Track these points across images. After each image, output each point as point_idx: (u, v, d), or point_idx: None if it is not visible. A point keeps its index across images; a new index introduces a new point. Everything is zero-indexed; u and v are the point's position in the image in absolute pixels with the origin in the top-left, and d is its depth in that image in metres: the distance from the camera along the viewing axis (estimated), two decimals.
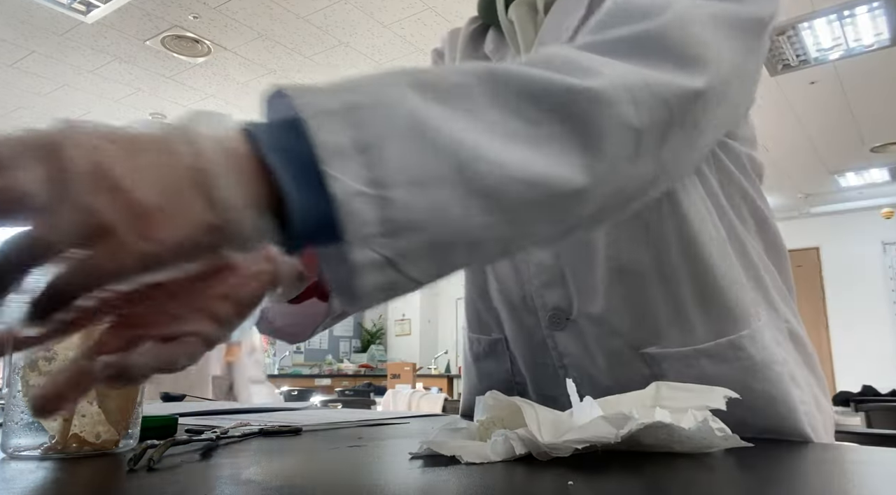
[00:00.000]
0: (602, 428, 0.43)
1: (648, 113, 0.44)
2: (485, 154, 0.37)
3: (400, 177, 0.34)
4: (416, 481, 0.41)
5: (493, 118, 0.39)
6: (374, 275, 0.34)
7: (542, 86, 0.41)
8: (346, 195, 0.33)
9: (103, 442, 0.50)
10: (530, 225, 0.41)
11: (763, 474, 0.42)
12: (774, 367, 0.60)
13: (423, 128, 0.36)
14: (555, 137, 0.40)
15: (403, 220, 0.34)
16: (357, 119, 0.35)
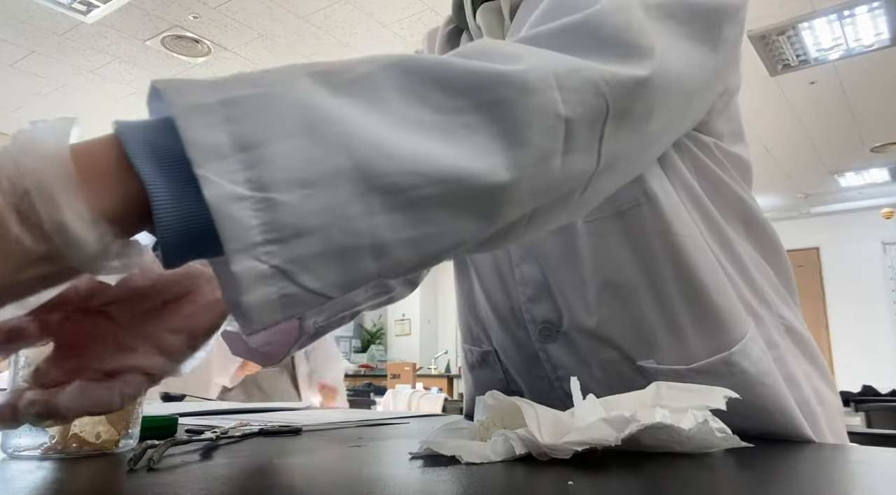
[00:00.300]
0: (602, 430, 0.43)
1: (579, 102, 0.40)
2: (387, 147, 0.33)
3: (287, 176, 0.30)
4: (416, 481, 0.41)
5: (399, 108, 0.35)
6: (263, 289, 0.30)
7: (455, 73, 0.37)
8: (222, 200, 0.29)
9: (103, 442, 0.50)
10: (447, 223, 0.36)
11: (763, 474, 0.42)
12: (766, 379, 0.59)
13: (316, 121, 0.32)
14: (470, 127, 0.36)
15: (292, 225, 0.30)
16: (237, 113, 0.31)
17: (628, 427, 0.43)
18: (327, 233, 0.31)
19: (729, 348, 0.59)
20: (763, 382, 0.59)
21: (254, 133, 0.31)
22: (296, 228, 0.30)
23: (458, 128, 0.36)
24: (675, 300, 0.61)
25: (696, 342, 0.60)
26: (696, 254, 0.60)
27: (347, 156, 0.32)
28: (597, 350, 0.65)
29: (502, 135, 0.37)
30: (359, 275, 0.34)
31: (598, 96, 0.42)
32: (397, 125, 0.34)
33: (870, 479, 0.43)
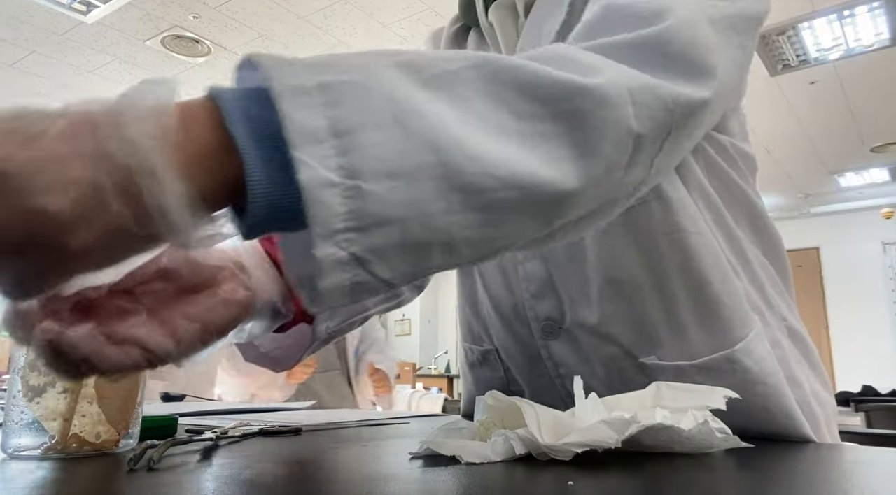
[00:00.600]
0: (602, 432, 0.43)
1: (649, 118, 0.42)
2: (469, 148, 0.34)
3: (377, 166, 0.31)
4: (416, 481, 0.41)
5: (483, 110, 0.36)
6: (340, 274, 0.31)
7: (538, 80, 0.38)
8: (315, 184, 0.30)
9: (103, 442, 0.50)
10: (513, 225, 0.37)
11: (763, 474, 0.42)
12: (769, 378, 0.59)
13: (406, 114, 0.33)
14: (547, 135, 0.37)
15: (377, 215, 0.31)
16: (334, 98, 0.31)
17: (628, 429, 0.43)
18: (407, 226, 0.32)
19: (732, 345, 0.59)
20: (765, 381, 0.58)
21: (349, 119, 0.31)
22: (379, 219, 0.31)
23: (535, 135, 0.37)
24: (680, 297, 0.61)
25: (699, 339, 0.60)
26: (704, 251, 0.60)
27: (433, 151, 0.32)
28: (599, 347, 0.65)
29: (576, 145, 0.38)
30: (426, 268, 0.35)
31: (666, 113, 0.43)
32: (478, 126, 0.35)
33: (869, 479, 0.43)
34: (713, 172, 0.65)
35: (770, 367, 0.59)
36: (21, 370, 0.50)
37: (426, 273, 0.36)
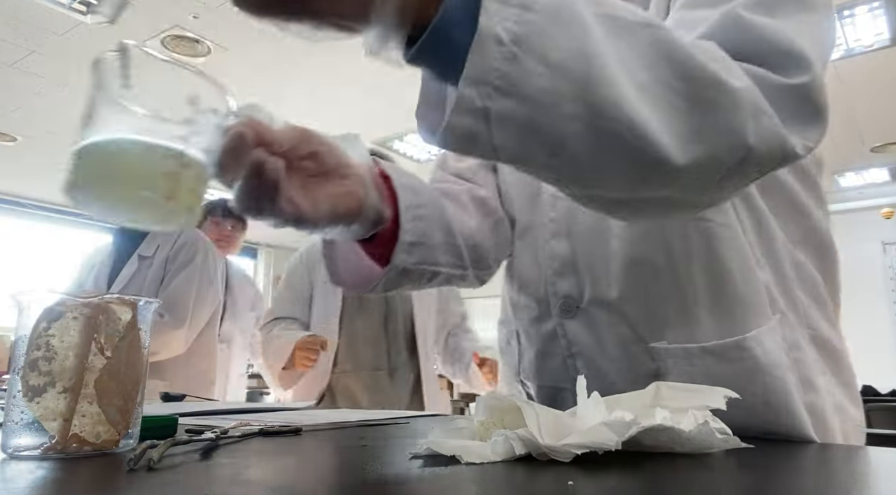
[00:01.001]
0: (603, 433, 0.43)
1: (763, 141, 0.45)
2: (616, 85, 0.39)
3: (541, 49, 0.36)
4: (416, 481, 0.41)
5: (638, 65, 0.41)
6: (466, 118, 0.37)
7: (691, 61, 0.42)
8: (489, 34, 0.35)
9: (103, 442, 0.50)
10: (612, 165, 0.42)
11: (763, 474, 0.42)
12: (775, 371, 0.59)
13: (581, 26, 0.38)
14: (678, 109, 0.42)
15: (519, 85, 0.36)
16: None
17: (629, 431, 0.43)
18: (536, 109, 0.37)
19: (742, 334, 0.60)
20: (771, 373, 0.59)
21: (539, 4, 0.37)
22: (519, 90, 0.36)
23: (667, 104, 0.41)
24: (697, 282, 0.62)
25: (710, 324, 0.62)
26: (727, 242, 0.62)
27: (586, 65, 0.38)
28: (613, 327, 0.66)
29: (697, 129, 0.42)
30: (529, 156, 0.40)
31: (781, 145, 0.46)
32: (627, 74, 0.40)
33: (869, 479, 0.43)
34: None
35: (777, 361, 0.59)
36: (21, 370, 0.50)
37: (527, 161, 0.41)
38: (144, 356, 0.54)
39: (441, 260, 0.71)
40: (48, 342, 0.50)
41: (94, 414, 0.50)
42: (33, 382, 0.49)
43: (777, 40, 0.49)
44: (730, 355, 0.60)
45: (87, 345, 0.50)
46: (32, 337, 0.50)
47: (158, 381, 1.83)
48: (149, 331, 0.55)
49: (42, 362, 0.50)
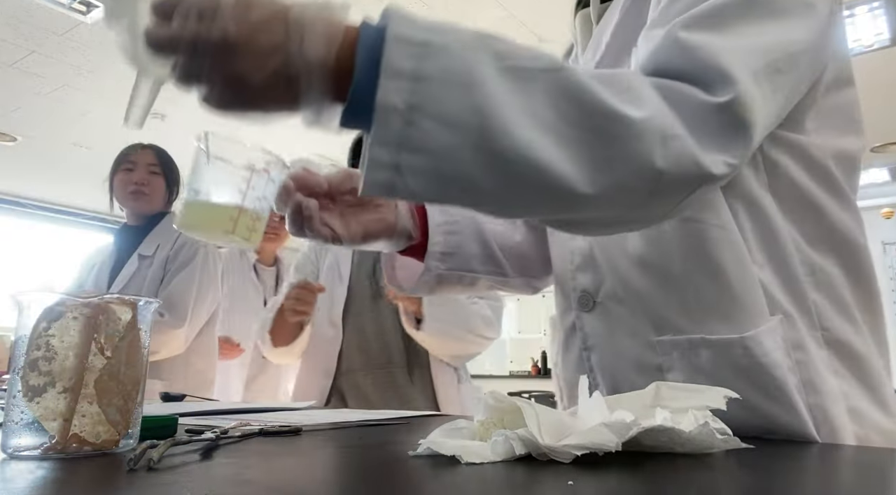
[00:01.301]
0: (603, 435, 0.43)
1: (677, 165, 0.48)
2: (510, 127, 0.43)
3: (433, 110, 0.42)
4: (416, 481, 0.41)
5: (539, 105, 0.45)
6: (381, 173, 0.43)
7: (592, 97, 0.46)
8: (385, 107, 0.42)
9: (103, 442, 0.50)
10: (526, 199, 0.47)
11: (763, 474, 0.42)
12: (775, 371, 0.59)
13: (473, 84, 0.43)
14: (580, 143, 0.45)
15: (419, 142, 0.42)
16: (428, 52, 0.43)
17: (629, 432, 0.43)
18: (438, 160, 0.43)
19: (741, 332, 0.61)
20: (771, 374, 0.59)
21: (430, 71, 0.43)
22: (420, 146, 0.43)
23: (573, 139, 0.46)
24: (696, 281, 0.64)
25: (711, 323, 0.63)
26: (720, 242, 0.63)
27: (480, 118, 0.43)
28: (624, 321, 0.69)
29: (601, 159, 0.46)
30: (445, 196, 0.46)
31: (695, 166, 0.49)
32: (528, 114, 0.45)
33: (870, 479, 0.44)
34: (768, 170, 0.64)
35: (776, 361, 0.60)
36: (21, 370, 0.50)
37: (445, 201, 0.47)
38: (144, 356, 0.54)
39: (478, 268, 0.85)
40: (48, 342, 0.50)
41: (94, 414, 0.50)
42: (33, 382, 0.49)
43: (703, 58, 0.52)
44: (730, 351, 0.61)
45: (87, 345, 0.50)
46: (32, 337, 0.50)
47: (157, 381, 1.82)
48: (149, 330, 0.55)
49: (42, 362, 0.50)
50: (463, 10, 3.51)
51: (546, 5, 3.48)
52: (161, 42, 0.47)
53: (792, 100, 0.60)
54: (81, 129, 5.10)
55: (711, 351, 0.62)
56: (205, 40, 0.45)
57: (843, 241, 0.65)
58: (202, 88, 0.47)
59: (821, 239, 0.65)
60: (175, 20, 0.45)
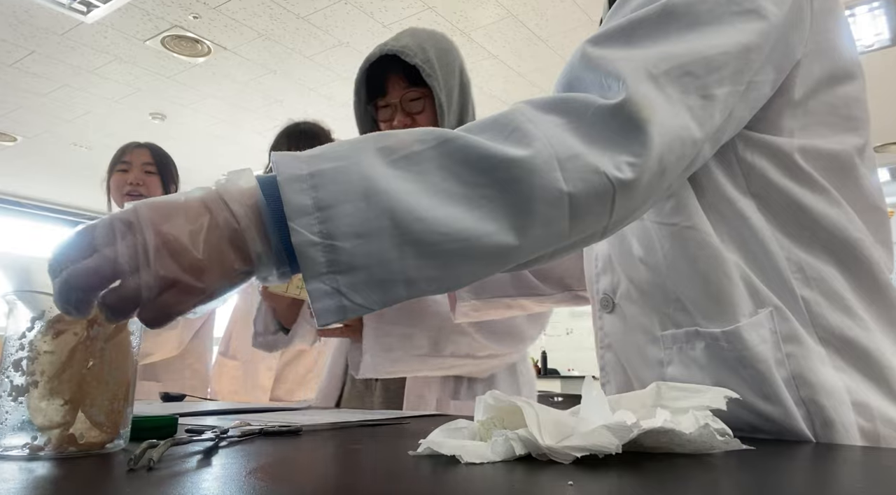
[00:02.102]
0: (603, 437, 0.43)
1: (580, 179, 0.49)
2: (420, 212, 0.45)
3: (347, 230, 0.43)
4: (416, 481, 0.41)
5: (437, 180, 0.47)
6: (326, 301, 0.44)
7: (480, 154, 0.48)
8: (303, 245, 0.43)
9: (88, 443, 0.50)
10: (464, 268, 0.47)
11: (763, 474, 0.42)
12: (759, 366, 0.61)
13: (372, 190, 0.45)
14: (488, 198, 0.47)
15: (347, 263, 0.43)
16: (319, 182, 0.44)
17: (630, 435, 0.43)
18: (371, 271, 0.44)
19: (723, 327, 0.64)
20: (755, 367, 0.61)
21: (328, 198, 0.44)
22: (349, 265, 0.44)
23: (479, 198, 0.47)
24: (679, 280, 0.67)
25: (699, 318, 0.66)
26: (693, 243, 0.66)
27: (390, 218, 0.44)
28: (635, 320, 0.72)
29: (512, 205, 0.47)
30: (393, 298, 0.46)
31: (598, 177, 0.50)
32: (431, 194, 0.46)
33: (870, 479, 0.44)
34: (744, 172, 0.66)
35: (761, 355, 0.61)
36: (6, 370, 0.50)
37: (396, 301, 0.46)
38: (133, 357, 0.54)
39: (512, 292, 0.90)
40: (32, 342, 0.50)
41: (71, 405, 0.50)
42: (17, 382, 0.49)
43: (602, 67, 0.55)
44: (718, 344, 0.63)
45: (72, 347, 0.50)
46: (18, 337, 0.50)
47: (153, 382, 1.81)
48: (139, 332, 0.55)
49: (26, 362, 0.50)
50: (463, 9, 3.51)
51: (546, 5, 3.48)
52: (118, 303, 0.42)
53: (743, 104, 0.60)
54: (81, 129, 5.10)
55: (704, 343, 0.65)
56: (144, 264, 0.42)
57: (834, 239, 0.65)
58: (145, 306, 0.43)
59: (807, 237, 0.65)
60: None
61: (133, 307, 0.42)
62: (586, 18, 3.59)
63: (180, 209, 0.44)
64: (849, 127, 0.68)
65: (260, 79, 4.26)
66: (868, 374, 0.63)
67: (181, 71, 4.23)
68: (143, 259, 0.42)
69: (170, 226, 0.43)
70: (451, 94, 1.16)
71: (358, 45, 3.87)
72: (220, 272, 0.43)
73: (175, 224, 0.43)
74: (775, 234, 0.65)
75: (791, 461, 0.49)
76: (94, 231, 0.43)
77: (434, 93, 1.13)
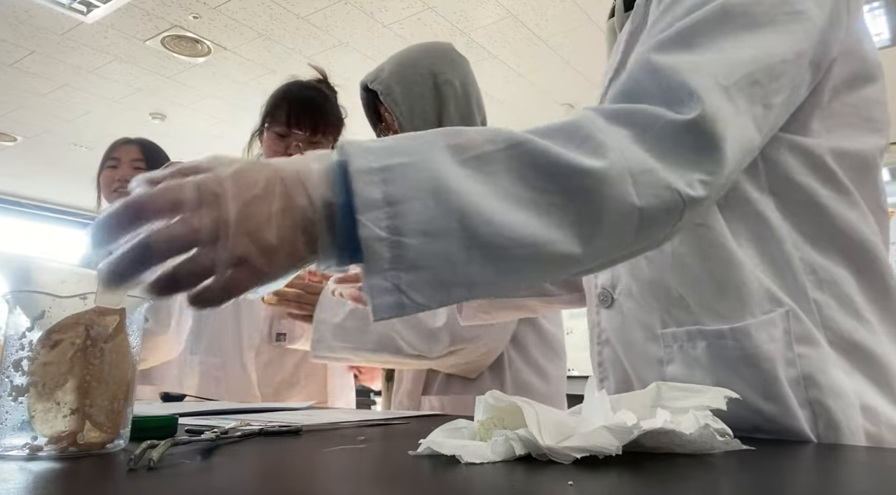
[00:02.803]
0: (604, 438, 0.43)
1: (652, 195, 0.49)
2: (489, 215, 0.45)
3: (415, 227, 0.43)
4: (416, 481, 0.41)
5: (506, 184, 0.46)
6: (385, 298, 0.44)
7: (553, 161, 0.47)
8: (370, 239, 0.43)
9: (87, 443, 0.50)
10: (525, 274, 0.47)
11: (763, 474, 0.42)
12: (765, 364, 0.60)
13: (442, 189, 0.44)
14: (556, 206, 0.47)
15: (411, 261, 0.43)
16: (390, 177, 0.44)
17: (630, 436, 0.43)
18: (435, 271, 0.44)
19: (732, 324, 0.63)
20: (760, 366, 0.61)
21: (398, 193, 0.44)
22: (414, 263, 0.43)
23: (548, 205, 0.47)
24: (688, 276, 0.67)
25: (707, 315, 0.65)
26: (706, 240, 0.65)
27: (459, 219, 0.44)
28: (635, 316, 0.72)
29: (581, 215, 0.47)
30: (452, 298, 0.46)
31: (671, 192, 0.50)
32: (501, 197, 0.46)
33: (870, 479, 0.44)
34: (768, 170, 0.65)
35: (768, 354, 0.61)
36: (6, 370, 0.50)
37: (455, 302, 0.47)
38: (132, 358, 0.54)
39: (522, 292, 0.91)
40: (32, 342, 0.50)
41: (77, 415, 0.50)
42: (17, 382, 0.49)
43: (669, 78, 0.53)
44: (722, 343, 0.63)
45: (72, 347, 0.50)
46: (18, 337, 0.50)
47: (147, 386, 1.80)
48: (138, 333, 0.55)
49: (26, 362, 0.50)
50: (463, 9, 3.51)
51: (546, 5, 3.48)
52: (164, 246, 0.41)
53: (786, 108, 0.60)
54: (81, 129, 5.10)
55: (706, 342, 0.64)
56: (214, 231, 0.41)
57: (850, 241, 0.65)
58: (214, 279, 0.42)
59: (824, 239, 0.65)
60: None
61: (198, 282, 0.41)
62: (586, 18, 3.59)
63: (262, 186, 0.43)
64: (871, 128, 0.68)
65: (260, 79, 4.26)
66: (874, 378, 0.63)
67: (181, 71, 4.23)
68: (224, 234, 0.41)
69: (252, 204, 0.42)
70: (414, 103, 1.26)
71: (358, 45, 3.87)
72: (287, 256, 0.43)
73: (256, 203, 0.42)
74: (791, 234, 0.65)
75: (791, 461, 0.49)
76: (181, 193, 0.41)
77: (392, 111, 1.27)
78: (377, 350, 1.24)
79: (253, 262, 0.42)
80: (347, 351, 1.25)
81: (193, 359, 1.56)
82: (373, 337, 1.24)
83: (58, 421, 0.49)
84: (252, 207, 0.42)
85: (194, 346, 1.57)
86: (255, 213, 0.42)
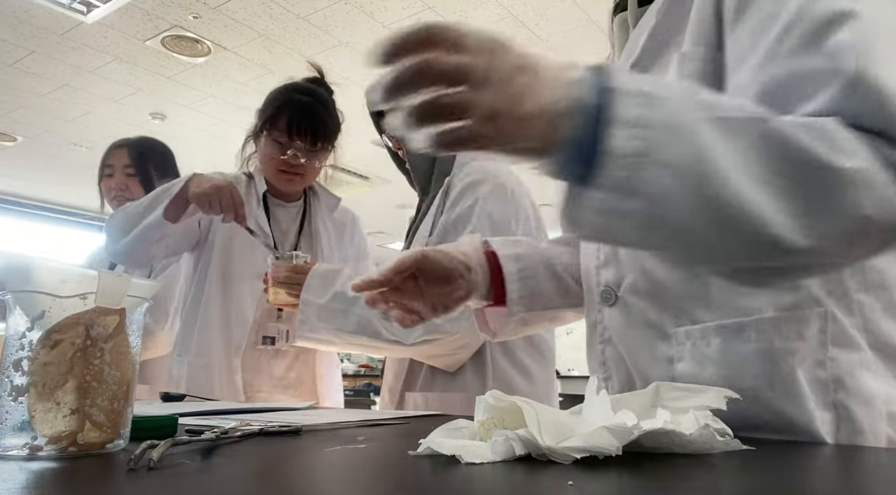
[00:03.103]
0: (604, 438, 0.43)
1: (887, 211, 0.47)
2: (728, 176, 0.45)
3: (659, 157, 0.44)
4: (416, 481, 0.41)
5: (748, 154, 0.46)
6: (597, 217, 0.46)
7: (797, 146, 0.47)
8: (613, 153, 0.44)
9: (88, 443, 0.50)
10: (728, 245, 0.48)
11: (763, 474, 0.42)
12: (786, 359, 0.59)
13: (694, 133, 0.45)
14: (792, 194, 0.46)
15: (642, 188, 0.44)
16: (650, 102, 0.45)
17: (630, 437, 0.43)
18: (656, 206, 0.45)
19: (759, 315, 0.62)
20: (777, 363, 0.59)
21: (655, 119, 0.45)
22: (638, 191, 0.45)
23: (783, 190, 0.46)
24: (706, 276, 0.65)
25: (729, 305, 0.64)
26: None
27: (702, 166, 0.45)
28: (641, 314, 0.70)
29: (811, 209, 0.47)
30: (650, 242, 0.49)
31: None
32: (740, 164, 0.46)
33: (870, 479, 0.43)
34: None
35: (792, 349, 0.60)
36: (6, 370, 0.50)
37: (650, 247, 0.51)
38: (132, 357, 0.54)
39: (557, 302, 0.93)
40: (32, 342, 0.50)
41: (77, 415, 0.50)
42: (17, 382, 0.49)
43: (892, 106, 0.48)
44: (741, 336, 0.62)
45: (72, 347, 0.50)
46: (18, 337, 0.50)
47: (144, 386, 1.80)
48: (138, 333, 0.55)
49: (26, 362, 0.50)
50: (463, 9, 3.51)
51: (545, 5, 3.48)
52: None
53: None
54: (81, 129, 5.10)
55: (721, 338, 0.63)
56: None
57: None
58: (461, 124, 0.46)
59: None
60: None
61: (448, 119, 0.45)
62: (586, 18, 3.59)
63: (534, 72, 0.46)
64: None
65: (260, 79, 4.26)
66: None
67: (181, 71, 4.23)
68: (492, 82, 0.44)
69: (521, 75, 0.45)
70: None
71: (358, 45, 3.87)
72: (530, 130, 0.45)
73: (526, 77, 0.45)
74: None
75: (792, 461, 0.49)
76: (468, 37, 0.45)
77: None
78: (357, 332, 1.26)
79: (502, 120, 0.44)
80: (329, 332, 1.27)
81: (182, 361, 1.56)
82: (353, 319, 1.26)
83: (58, 421, 0.49)
84: (521, 78, 0.45)
85: (182, 348, 1.57)
86: (521, 84, 0.45)
